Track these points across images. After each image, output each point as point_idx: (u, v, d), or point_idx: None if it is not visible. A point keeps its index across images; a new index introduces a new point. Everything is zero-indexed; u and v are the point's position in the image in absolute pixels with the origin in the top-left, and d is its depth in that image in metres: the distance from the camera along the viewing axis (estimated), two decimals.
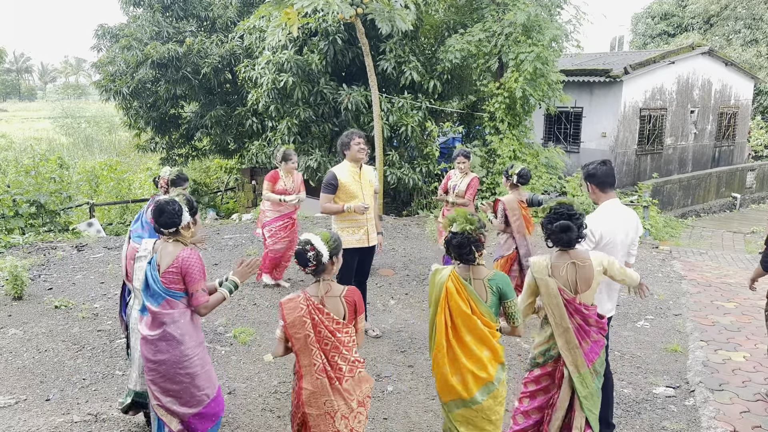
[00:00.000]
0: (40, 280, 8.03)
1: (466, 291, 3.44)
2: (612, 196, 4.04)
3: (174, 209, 3.55)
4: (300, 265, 3.32)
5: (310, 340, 3.30)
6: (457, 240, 3.44)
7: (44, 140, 29.52)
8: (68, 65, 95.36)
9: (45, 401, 4.89)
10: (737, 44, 27.93)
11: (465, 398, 3.48)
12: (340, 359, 3.33)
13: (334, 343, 3.31)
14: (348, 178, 5.64)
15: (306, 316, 3.30)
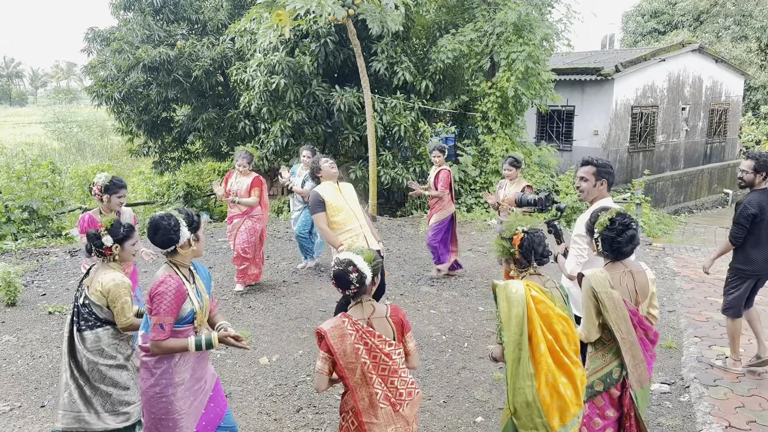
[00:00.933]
0: (33, 286, 7.99)
1: (552, 298, 3.10)
2: (609, 196, 4.13)
3: (169, 224, 3.23)
4: (340, 288, 3.10)
5: (367, 369, 3.02)
6: (539, 236, 3.20)
7: (36, 145, 29.36)
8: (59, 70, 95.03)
9: (40, 408, 4.87)
10: (727, 41, 28.07)
11: (576, 413, 3.05)
12: (399, 383, 3.09)
13: (391, 367, 3.07)
14: (331, 195, 5.61)
15: (359, 342, 3.02)
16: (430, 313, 6.93)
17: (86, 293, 3.71)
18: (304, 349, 5.92)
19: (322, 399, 4.96)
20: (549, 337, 3.01)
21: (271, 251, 9.64)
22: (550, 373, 2.98)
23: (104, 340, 3.69)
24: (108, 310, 3.67)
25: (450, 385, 5.21)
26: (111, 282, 3.63)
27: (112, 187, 4.98)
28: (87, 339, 3.69)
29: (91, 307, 3.68)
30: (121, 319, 3.65)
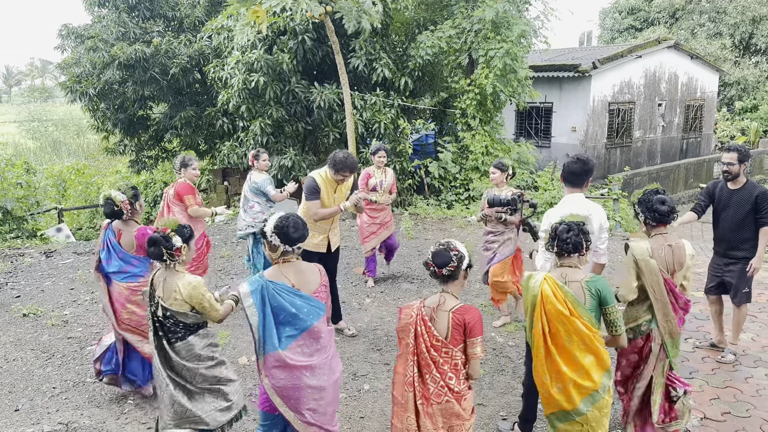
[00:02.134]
0: (7, 288, 7.85)
1: (563, 292, 3.30)
2: (576, 192, 4.06)
3: (305, 223, 3.52)
4: (437, 267, 3.17)
5: (410, 350, 3.22)
6: (572, 230, 3.38)
7: (10, 145, 28.86)
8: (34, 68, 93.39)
9: (14, 411, 4.79)
10: (702, 37, 28.45)
11: (568, 410, 3.35)
12: (429, 380, 3.16)
13: (427, 360, 3.15)
14: (325, 194, 5.55)
15: (412, 324, 3.21)
16: None
17: (164, 305, 3.66)
18: None
19: None
20: (547, 330, 3.33)
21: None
22: (539, 361, 3.39)
23: (198, 346, 3.75)
24: (194, 314, 3.69)
25: None
26: (188, 286, 3.61)
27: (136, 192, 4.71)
28: (181, 350, 3.73)
29: (176, 317, 3.67)
30: (213, 315, 3.70)
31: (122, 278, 4.62)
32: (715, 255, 5.59)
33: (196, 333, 3.76)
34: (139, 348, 4.70)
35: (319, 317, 3.42)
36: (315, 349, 3.43)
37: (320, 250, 5.74)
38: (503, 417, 4.64)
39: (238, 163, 13.92)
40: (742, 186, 5.24)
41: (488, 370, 5.38)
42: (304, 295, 3.40)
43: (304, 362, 3.37)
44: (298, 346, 3.38)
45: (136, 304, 4.63)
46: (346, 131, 11.41)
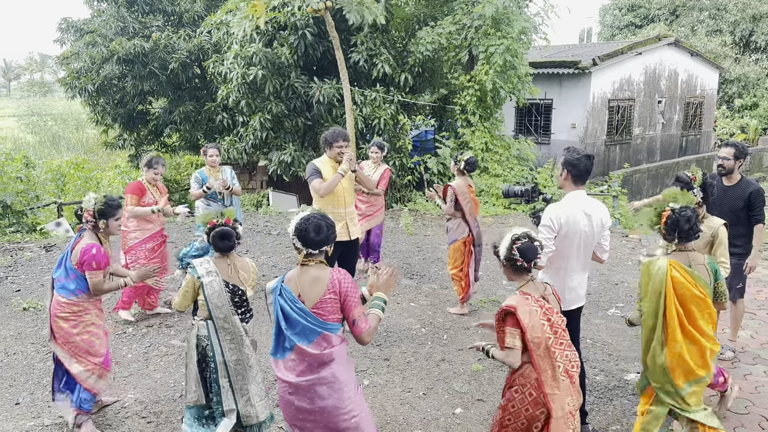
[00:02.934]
0: (7, 282, 7.86)
1: (693, 277, 3.52)
2: (581, 188, 4.02)
3: (331, 224, 3.30)
4: (527, 261, 3.26)
5: (551, 343, 3.21)
6: (686, 214, 3.52)
7: (9, 139, 28.78)
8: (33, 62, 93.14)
9: (15, 405, 4.80)
10: (702, 34, 28.44)
11: (702, 375, 3.59)
12: (572, 355, 3.32)
13: (567, 340, 3.33)
14: (328, 172, 5.50)
15: (543, 318, 3.22)
16: (409, 306, 6.95)
17: (241, 288, 3.87)
18: None
19: None
20: (681, 313, 3.52)
21: (250, 245, 9.58)
22: (678, 344, 3.53)
23: (249, 331, 3.93)
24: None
25: (429, 377, 5.23)
26: (252, 262, 4.05)
27: (108, 210, 4.27)
28: (249, 330, 3.93)
29: (245, 296, 3.89)
30: (250, 294, 3.94)
31: (57, 288, 4.28)
32: None
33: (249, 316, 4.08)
34: (66, 366, 4.29)
35: (318, 336, 3.13)
36: (305, 369, 3.15)
37: (343, 238, 5.53)
38: None
39: (238, 158, 13.92)
40: (737, 183, 5.27)
41: (487, 366, 5.40)
42: (301, 308, 3.13)
43: (290, 379, 3.16)
44: (291, 361, 3.18)
45: (64, 320, 4.23)
46: (346, 127, 11.41)
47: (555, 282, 4.00)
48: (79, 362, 4.29)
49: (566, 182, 4.03)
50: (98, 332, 4.39)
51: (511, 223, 11.01)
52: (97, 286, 4.23)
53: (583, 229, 3.93)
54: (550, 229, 3.89)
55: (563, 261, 3.99)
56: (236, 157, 13.90)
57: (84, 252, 4.16)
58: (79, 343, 4.27)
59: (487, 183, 12.99)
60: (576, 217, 3.91)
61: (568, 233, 3.91)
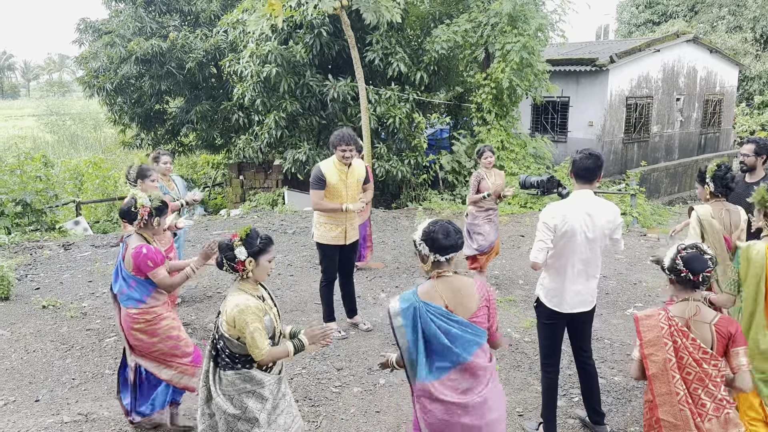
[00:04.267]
0: (27, 280, 7.95)
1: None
2: (585, 188, 3.93)
3: (458, 229, 3.06)
4: (692, 273, 2.97)
5: (670, 365, 2.98)
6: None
7: (29, 138, 29.17)
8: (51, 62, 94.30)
9: (34, 402, 4.86)
10: (722, 31, 28.05)
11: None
12: (704, 393, 2.96)
13: (698, 374, 2.95)
14: (334, 177, 5.55)
15: (667, 337, 2.99)
16: None
17: (218, 322, 3.23)
18: None
19: (318, 392, 4.95)
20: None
21: None
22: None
23: (233, 385, 3.20)
24: (240, 344, 3.16)
25: None
26: (235, 308, 3.10)
27: (162, 208, 4.18)
28: (223, 379, 3.23)
29: (224, 340, 3.20)
30: (254, 352, 3.12)
31: (122, 301, 4.12)
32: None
33: (239, 371, 3.19)
34: (156, 374, 4.20)
35: (477, 348, 2.95)
36: (470, 386, 2.94)
37: (339, 242, 5.78)
38: (519, 413, 4.62)
39: (253, 157, 13.99)
40: (760, 180, 5.19)
41: (504, 366, 5.37)
42: (461, 321, 2.92)
43: (455, 400, 2.91)
44: (450, 381, 2.93)
45: (141, 332, 4.09)
46: (361, 125, 11.41)
47: (555, 283, 3.97)
48: (168, 367, 4.17)
49: (572, 181, 4.03)
50: (180, 334, 4.22)
51: (527, 222, 10.94)
52: (165, 282, 4.06)
53: (583, 229, 3.83)
54: (546, 227, 3.82)
55: (562, 261, 3.91)
56: (252, 155, 13.95)
57: (136, 255, 3.97)
58: (164, 350, 4.15)
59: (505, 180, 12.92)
60: (575, 216, 3.82)
61: (566, 233, 3.82)
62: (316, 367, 5.38)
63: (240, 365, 3.20)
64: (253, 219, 11.47)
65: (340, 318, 6.23)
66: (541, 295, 4.04)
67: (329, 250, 5.79)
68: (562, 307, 3.98)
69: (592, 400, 4.25)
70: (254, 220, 11.36)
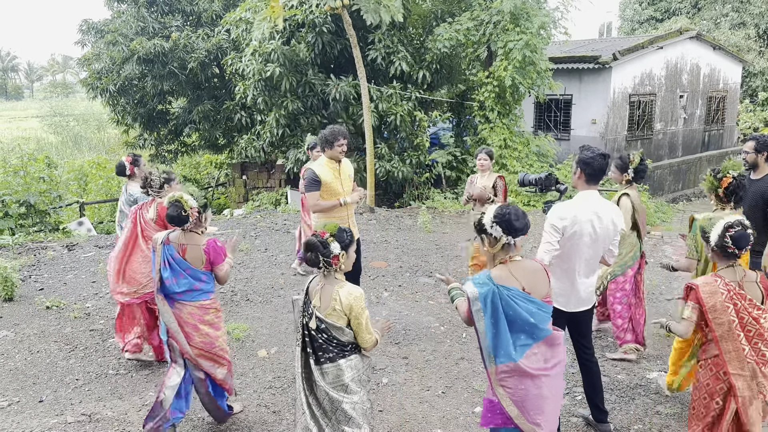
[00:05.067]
0: (30, 281, 7.97)
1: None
2: (593, 188, 3.90)
3: (525, 213, 3.21)
4: (738, 247, 3.31)
5: (734, 326, 3.32)
6: (742, 184, 4.00)
7: (32, 139, 29.24)
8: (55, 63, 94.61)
9: (38, 402, 4.87)
10: (725, 28, 27.94)
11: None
12: (763, 346, 3.35)
13: (758, 330, 3.34)
14: (328, 176, 5.50)
15: (728, 301, 3.32)
16: (428, 304, 6.93)
17: (319, 315, 3.30)
18: None
19: None
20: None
21: (269, 243, 9.62)
22: None
23: (347, 374, 3.32)
24: (350, 330, 3.30)
25: (448, 376, 5.21)
26: (350, 296, 3.26)
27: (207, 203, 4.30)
28: (329, 373, 3.31)
29: (331, 331, 3.29)
30: (365, 336, 3.30)
31: (193, 297, 4.14)
32: None
33: (349, 358, 3.33)
34: (213, 374, 4.22)
35: (546, 325, 3.10)
36: (550, 356, 3.12)
37: None
38: None
39: (256, 156, 14.00)
40: (763, 177, 5.18)
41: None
42: (536, 301, 3.05)
43: (541, 370, 3.06)
44: (533, 354, 3.07)
45: (209, 324, 4.20)
46: (363, 124, 11.40)
47: (562, 285, 3.93)
48: (221, 366, 4.26)
49: (579, 181, 3.94)
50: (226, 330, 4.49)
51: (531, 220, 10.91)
52: (226, 276, 4.25)
53: (591, 230, 3.80)
54: (555, 229, 3.77)
55: (570, 263, 3.88)
56: (254, 155, 13.96)
57: (210, 249, 4.12)
58: (222, 345, 4.27)
59: (506, 180, 12.90)
60: (584, 217, 3.79)
61: (575, 234, 3.78)
62: None
63: (349, 353, 3.33)
64: (256, 218, 11.47)
65: None
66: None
67: None
68: (567, 306, 3.97)
69: (596, 398, 4.24)
70: (257, 219, 11.37)
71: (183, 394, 4.22)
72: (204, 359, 4.20)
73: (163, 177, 5.24)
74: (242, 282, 7.71)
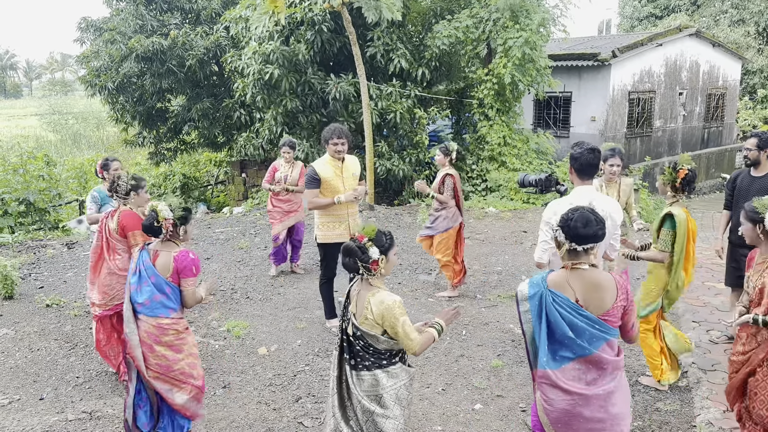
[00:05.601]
0: (30, 279, 7.97)
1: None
2: (588, 184, 3.91)
3: (600, 219, 2.91)
4: None
5: None
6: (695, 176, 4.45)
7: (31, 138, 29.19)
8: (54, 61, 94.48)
9: (39, 400, 4.88)
10: (724, 25, 27.93)
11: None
12: None
13: None
14: (329, 173, 5.57)
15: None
16: (428, 302, 6.94)
17: (355, 322, 3.21)
18: (303, 339, 5.92)
19: (321, 388, 4.96)
20: (693, 246, 4.52)
21: (268, 241, 9.61)
22: (691, 267, 4.59)
23: (383, 385, 3.20)
24: (387, 339, 3.17)
25: (448, 373, 5.22)
26: (381, 305, 3.13)
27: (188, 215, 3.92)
28: (364, 382, 3.21)
29: (366, 339, 3.19)
30: (407, 344, 3.14)
31: (151, 310, 3.78)
32: (731, 245, 5.57)
33: (387, 369, 3.21)
34: (170, 398, 3.87)
35: (604, 342, 2.90)
36: (595, 378, 2.92)
37: (343, 240, 5.70)
38: (522, 409, 4.63)
39: (255, 154, 13.99)
40: (764, 174, 5.20)
41: (506, 361, 5.37)
42: (588, 316, 2.87)
43: (577, 389, 2.89)
44: (574, 370, 2.91)
45: (167, 346, 3.81)
46: (362, 122, 11.40)
47: None
48: (182, 390, 3.87)
49: (573, 177, 3.98)
50: (197, 353, 3.99)
51: (530, 218, 10.93)
52: (193, 297, 3.84)
53: None
54: (550, 227, 3.77)
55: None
56: (253, 153, 13.96)
57: (182, 259, 3.77)
58: (184, 368, 3.86)
59: (505, 177, 12.91)
60: None
61: None
62: (319, 364, 5.40)
63: (386, 362, 3.22)
64: (255, 216, 11.48)
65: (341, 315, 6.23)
66: None
67: (332, 250, 5.73)
68: None
69: None
70: (257, 217, 11.37)
71: (146, 411, 3.95)
72: (160, 381, 3.84)
73: (131, 183, 4.91)
74: (242, 280, 7.71)
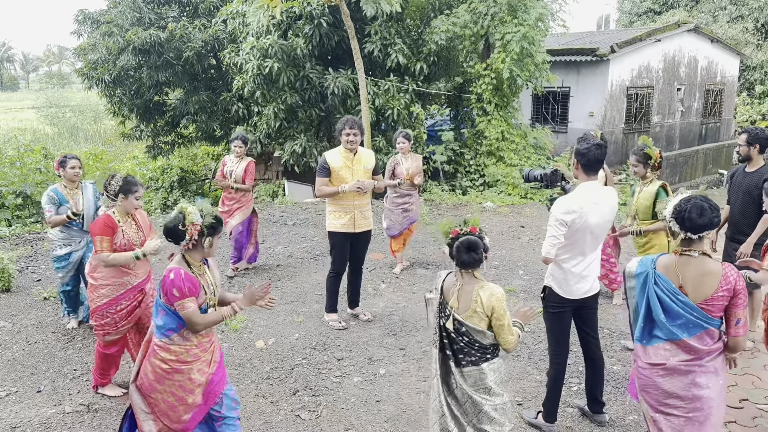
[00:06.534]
0: (27, 272, 7.97)
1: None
2: (593, 179, 3.92)
3: (714, 206, 2.99)
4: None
5: None
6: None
7: (28, 131, 29.15)
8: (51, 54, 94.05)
9: (36, 393, 4.88)
10: (723, 21, 27.90)
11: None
12: None
13: None
14: (339, 163, 5.68)
15: None
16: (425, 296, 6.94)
17: (459, 318, 3.18)
18: (300, 333, 5.93)
19: (319, 382, 4.98)
20: None
21: (266, 235, 9.62)
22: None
23: (490, 377, 3.21)
24: (491, 332, 3.18)
25: None
26: (492, 297, 3.13)
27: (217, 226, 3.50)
28: (470, 377, 3.21)
29: (472, 335, 3.18)
30: (507, 338, 3.17)
31: (155, 329, 3.49)
32: (726, 239, 5.63)
33: (491, 361, 3.23)
34: (139, 422, 3.54)
35: (702, 331, 2.99)
36: (684, 359, 3.04)
37: (348, 230, 5.82)
38: (518, 402, 4.65)
39: (252, 148, 13.95)
40: (757, 170, 5.24)
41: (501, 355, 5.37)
42: (686, 302, 2.97)
43: (662, 362, 3.07)
44: (663, 350, 3.07)
45: (152, 368, 3.46)
46: (360, 116, 11.39)
47: (567, 273, 3.97)
48: (155, 421, 3.49)
49: (578, 172, 3.98)
50: (185, 397, 3.45)
51: (527, 213, 10.94)
52: (194, 319, 3.34)
53: (594, 220, 3.85)
54: (562, 223, 3.81)
55: (575, 252, 3.93)
56: (251, 147, 13.91)
57: (163, 278, 3.36)
58: (158, 402, 3.46)
59: (503, 172, 12.92)
60: (587, 208, 3.82)
61: (581, 226, 3.83)
62: (316, 357, 5.41)
63: (491, 356, 3.25)
64: None
65: (341, 309, 6.25)
66: (553, 285, 4.03)
67: (339, 239, 5.82)
68: (573, 294, 3.99)
69: (595, 390, 4.28)
70: None
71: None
72: (138, 394, 3.52)
73: (121, 186, 4.49)
74: (239, 273, 7.71)
